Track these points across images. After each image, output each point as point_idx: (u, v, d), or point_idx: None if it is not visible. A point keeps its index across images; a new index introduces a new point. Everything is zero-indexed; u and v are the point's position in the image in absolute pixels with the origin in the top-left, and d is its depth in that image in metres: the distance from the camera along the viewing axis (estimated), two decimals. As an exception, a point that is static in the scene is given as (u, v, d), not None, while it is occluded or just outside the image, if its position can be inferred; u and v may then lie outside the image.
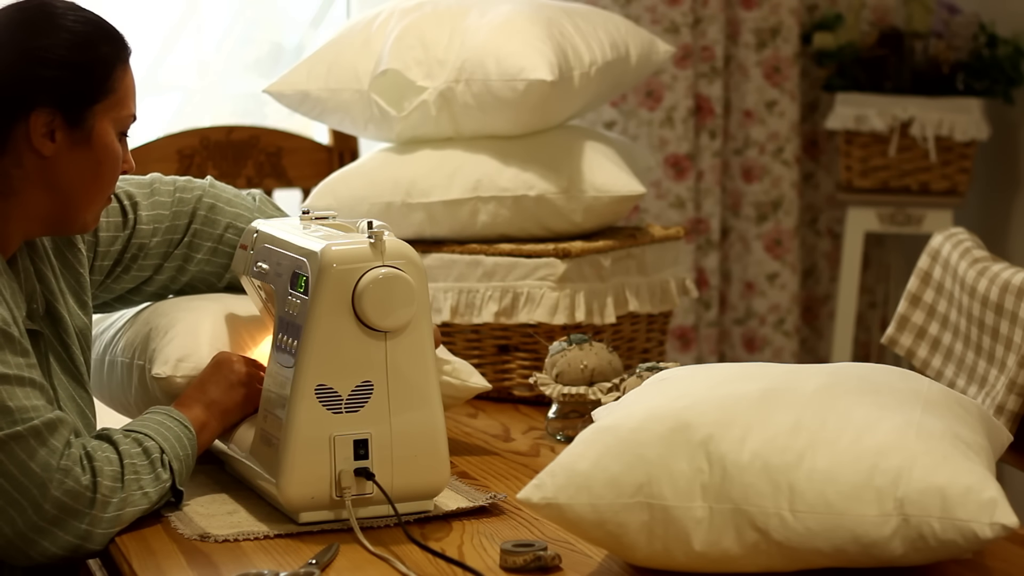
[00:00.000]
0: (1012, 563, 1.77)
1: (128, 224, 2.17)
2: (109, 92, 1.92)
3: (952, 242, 2.49)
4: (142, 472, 1.88)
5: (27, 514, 1.80)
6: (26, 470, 1.79)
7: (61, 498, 1.80)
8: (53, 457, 1.80)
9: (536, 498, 1.70)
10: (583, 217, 2.64)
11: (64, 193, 1.92)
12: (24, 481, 1.79)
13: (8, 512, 1.80)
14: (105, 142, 1.93)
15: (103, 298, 2.19)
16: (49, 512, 1.80)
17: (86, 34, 1.91)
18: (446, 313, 2.61)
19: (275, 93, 2.82)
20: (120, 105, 1.93)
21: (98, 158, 1.93)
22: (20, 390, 1.80)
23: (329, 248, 1.88)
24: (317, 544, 1.84)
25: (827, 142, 4.37)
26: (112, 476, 1.84)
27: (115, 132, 1.94)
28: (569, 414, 2.33)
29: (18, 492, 1.79)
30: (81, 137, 1.91)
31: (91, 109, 1.91)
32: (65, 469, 1.80)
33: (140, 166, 3.37)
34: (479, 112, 2.65)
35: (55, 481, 1.79)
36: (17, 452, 1.78)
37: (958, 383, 2.39)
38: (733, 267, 4.28)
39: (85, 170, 1.92)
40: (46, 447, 1.80)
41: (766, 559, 1.65)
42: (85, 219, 1.97)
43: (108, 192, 1.97)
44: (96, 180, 1.94)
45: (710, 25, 4.13)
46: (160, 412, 1.98)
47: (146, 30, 3.86)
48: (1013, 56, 4.03)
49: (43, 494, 1.79)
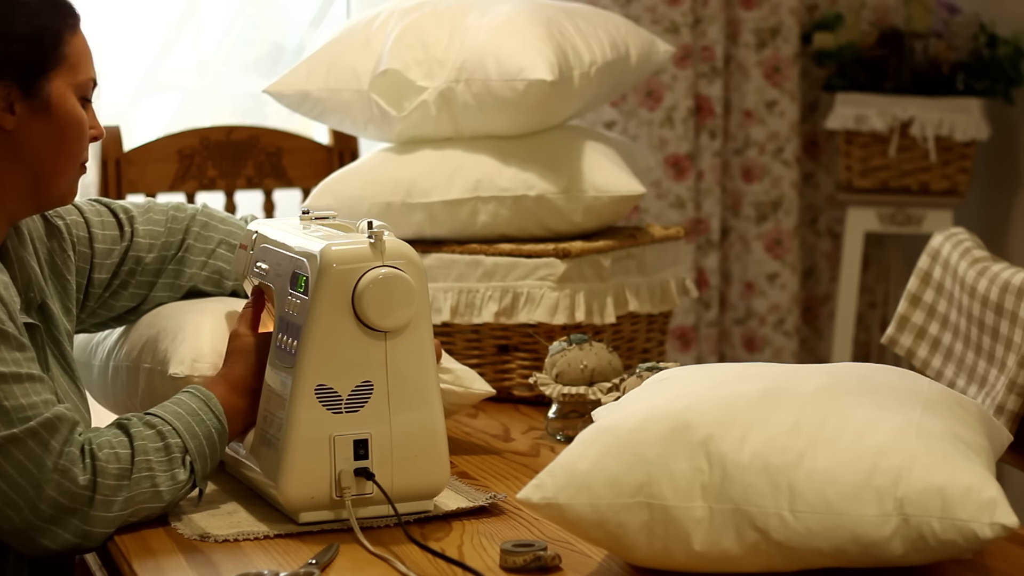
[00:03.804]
0: (1012, 563, 1.77)
1: (125, 236, 2.17)
2: (61, 59, 1.92)
3: (952, 242, 2.49)
4: (157, 470, 1.87)
5: (24, 514, 1.80)
6: (23, 471, 1.79)
7: (57, 498, 1.80)
8: (50, 458, 1.79)
9: (536, 498, 1.70)
10: (583, 217, 2.64)
11: (33, 165, 1.93)
12: (21, 482, 1.79)
13: (5, 512, 1.80)
14: (66, 108, 1.93)
15: (103, 316, 2.19)
16: (45, 512, 1.80)
17: (30, 4, 1.91)
18: (446, 313, 2.61)
19: (275, 93, 2.82)
20: (76, 70, 1.94)
21: (61, 125, 1.93)
22: (17, 387, 1.80)
23: (329, 248, 1.88)
24: (317, 544, 1.84)
25: (827, 142, 4.37)
26: (117, 474, 1.84)
27: (76, 97, 1.94)
28: (569, 414, 2.33)
29: (15, 493, 1.79)
30: (40, 106, 1.91)
31: (46, 77, 1.91)
32: (63, 469, 1.80)
33: (140, 166, 3.40)
34: (479, 112, 2.65)
35: (51, 482, 1.79)
36: (14, 454, 1.78)
37: (958, 383, 2.39)
38: (733, 267, 4.28)
39: (50, 139, 1.93)
40: (43, 448, 1.79)
41: (766, 559, 1.65)
42: (61, 189, 1.96)
43: (78, 159, 1.97)
44: (63, 147, 1.94)
45: (710, 25, 4.13)
46: (197, 398, 1.95)
47: (146, 30, 3.86)
48: (1013, 56, 4.03)
49: (39, 495, 1.79)
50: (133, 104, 3.85)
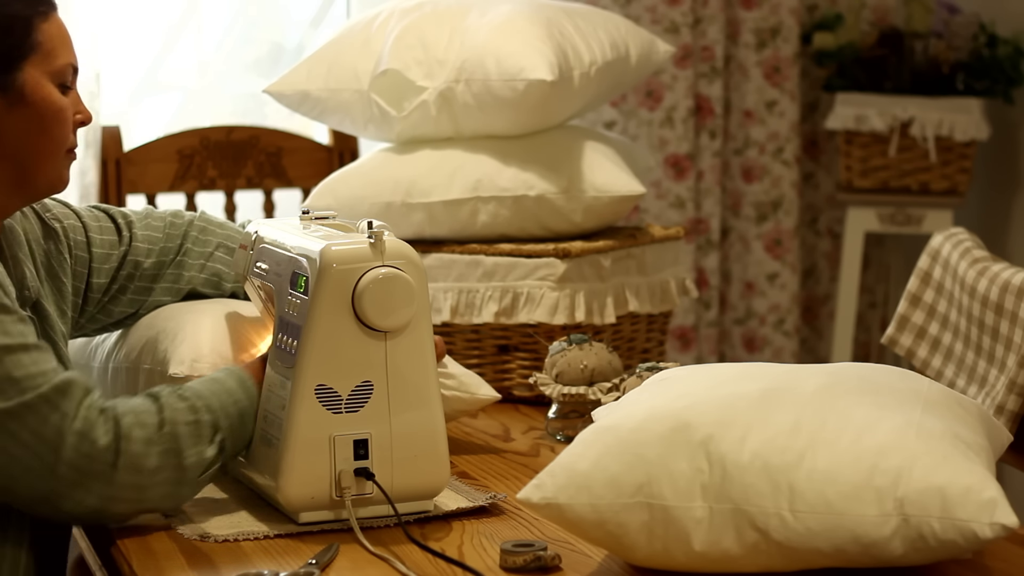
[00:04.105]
0: (1012, 563, 1.77)
1: (123, 241, 2.17)
2: (34, 47, 1.89)
3: (952, 242, 2.49)
4: (185, 443, 1.87)
5: (44, 479, 1.80)
6: (39, 437, 1.78)
7: (77, 461, 1.79)
8: (65, 421, 1.79)
9: (536, 498, 1.70)
10: (583, 217, 2.64)
11: (15, 156, 1.91)
12: (38, 448, 1.78)
13: (26, 479, 1.80)
14: (42, 96, 1.90)
15: (102, 321, 2.19)
16: (66, 476, 1.80)
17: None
18: (446, 313, 2.61)
19: (275, 93, 2.82)
20: (51, 58, 1.91)
21: (39, 114, 1.91)
22: (26, 356, 1.80)
23: (329, 248, 1.88)
24: (317, 544, 1.84)
25: (827, 142, 4.37)
26: (143, 440, 1.83)
27: (54, 84, 1.92)
28: (569, 414, 2.33)
29: (33, 459, 1.79)
30: (16, 98, 1.89)
31: (19, 68, 1.89)
32: (80, 432, 1.79)
33: (140, 166, 3.40)
34: (479, 112, 2.65)
35: (70, 445, 1.79)
36: (29, 420, 1.78)
37: (958, 383, 2.39)
38: (733, 267, 4.28)
39: (29, 129, 1.91)
40: (58, 412, 1.79)
41: (766, 559, 1.65)
42: (48, 178, 1.95)
43: (62, 146, 1.95)
44: (44, 136, 1.92)
45: (710, 25, 4.13)
46: (233, 376, 1.95)
47: (146, 30, 3.86)
48: (1013, 56, 4.03)
49: (57, 458, 1.79)
50: (133, 104, 3.85)
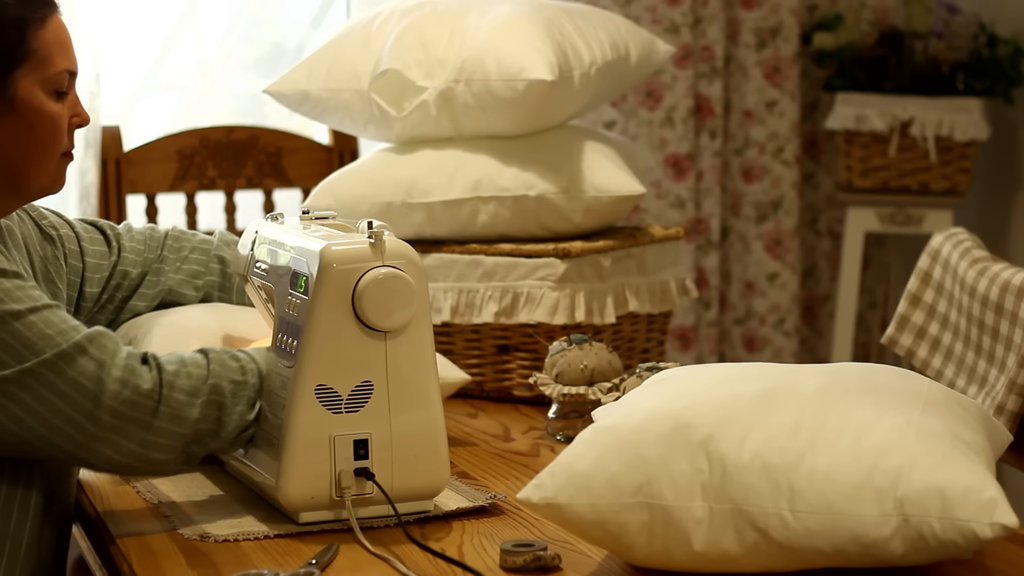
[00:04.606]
0: (1012, 563, 1.77)
1: (113, 251, 2.19)
2: (28, 55, 1.87)
3: (952, 242, 2.49)
4: (227, 400, 1.88)
5: (85, 428, 1.81)
6: (77, 386, 1.80)
7: (118, 407, 1.81)
8: (104, 369, 1.81)
9: (536, 498, 1.70)
10: (583, 217, 2.64)
11: (8, 164, 1.90)
12: (77, 397, 1.80)
13: (66, 430, 1.81)
14: (32, 106, 1.89)
15: None
16: (107, 422, 1.81)
17: None
18: (446, 313, 2.61)
19: (275, 93, 2.82)
20: (44, 65, 1.89)
21: (29, 122, 1.89)
22: (53, 314, 1.82)
23: (329, 248, 1.88)
24: (317, 544, 1.84)
25: (827, 142, 4.37)
26: (187, 390, 1.85)
27: (48, 91, 1.89)
28: (569, 414, 2.33)
29: (73, 409, 1.80)
30: (7, 107, 1.87)
31: (11, 76, 1.87)
32: (121, 379, 1.81)
33: (140, 166, 3.40)
34: (479, 112, 2.65)
35: (110, 392, 1.80)
36: (66, 370, 1.80)
37: (958, 383, 2.39)
38: (733, 267, 4.28)
39: (20, 138, 1.89)
40: (94, 360, 1.81)
41: (766, 559, 1.65)
42: (42, 182, 1.94)
43: (56, 151, 1.93)
44: (36, 144, 1.91)
45: (710, 25, 4.13)
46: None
47: (146, 30, 3.86)
48: (1013, 56, 4.03)
49: (98, 405, 1.80)
50: (133, 104, 3.85)
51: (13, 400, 1.79)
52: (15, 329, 1.79)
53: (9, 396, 1.79)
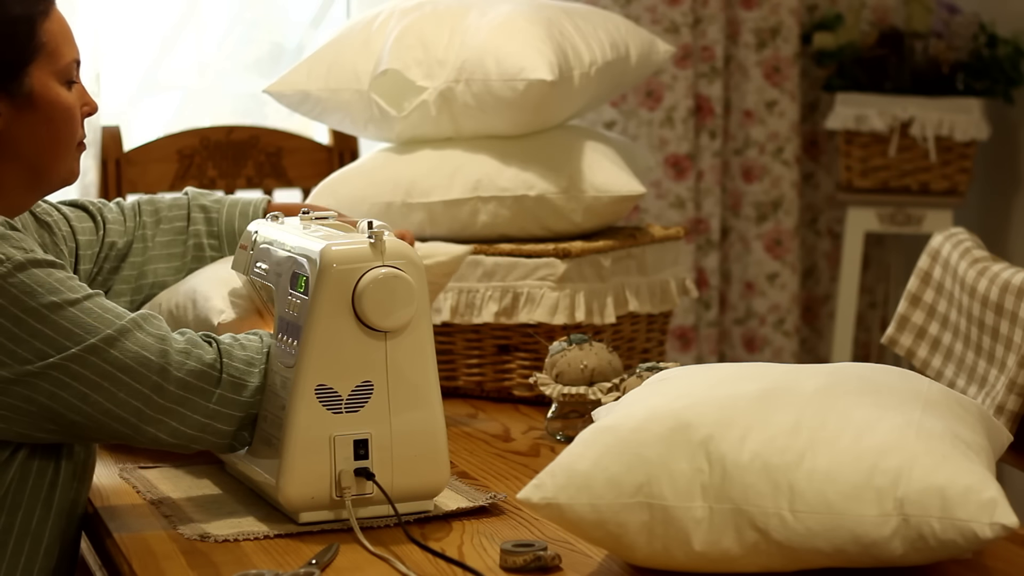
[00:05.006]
0: (1012, 563, 1.77)
1: (99, 226, 2.21)
2: (39, 49, 1.89)
3: (952, 242, 2.49)
4: None
5: (152, 400, 1.84)
6: (142, 359, 1.83)
7: (185, 378, 1.85)
8: (166, 343, 1.85)
9: (536, 498, 1.70)
10: (583, 217, 2.64)
11: (28, 159, 1.92)
12: (142, 370, 1.83)
13: (133, 403, 1.83)
14: (50, 98, 1.91)
15: None
16: (174, 393, 1.85)
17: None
18: (446, 313, 2.61)
19: (275, 93, 2.82)
20: (55, 57, 1.90)
21: (49, 116, 1.91)
22: (105, 300, 1.86)
23: (329, 248, 1.88)
24: (317, 544, 1.84)
25: (827, 142, 4.37)
26: (244, 360, 1.90)
27: (60, 83, 1.91)
28: (569, 414, 2.33)
29: (138, 382, 1.83)
30: (25, 102, 1.89)
31: (26, 72, 1.88)
32: (184, 351, 1.85)
33: (140, 166, 3.40)
34: (479, 112, 2.65)
35: (175, 364, 1.84)
36: (128, 345, 1.83)
37: (958, 383, 2.39)
38: (733, 267, 4.28)
39: (40, 131, 1.91)
40: (153, 336, 1.85)
41: (766, 559, 1.65)
42: (61, 174, 1.96)
43: (74, 142, 1.95)
44: (55, 137, 1.93)
45: (710, 25, 4.13)
46: None
47: (146, 30, 3.86)
48: (1013, 56, 4.03)
49: (165, 377, 1.84)
50: (133, 104, 3.85)
51: (76, 378, 1.81)
52: (72, 315, 1.82)
53: (72, 375, 1.81)
